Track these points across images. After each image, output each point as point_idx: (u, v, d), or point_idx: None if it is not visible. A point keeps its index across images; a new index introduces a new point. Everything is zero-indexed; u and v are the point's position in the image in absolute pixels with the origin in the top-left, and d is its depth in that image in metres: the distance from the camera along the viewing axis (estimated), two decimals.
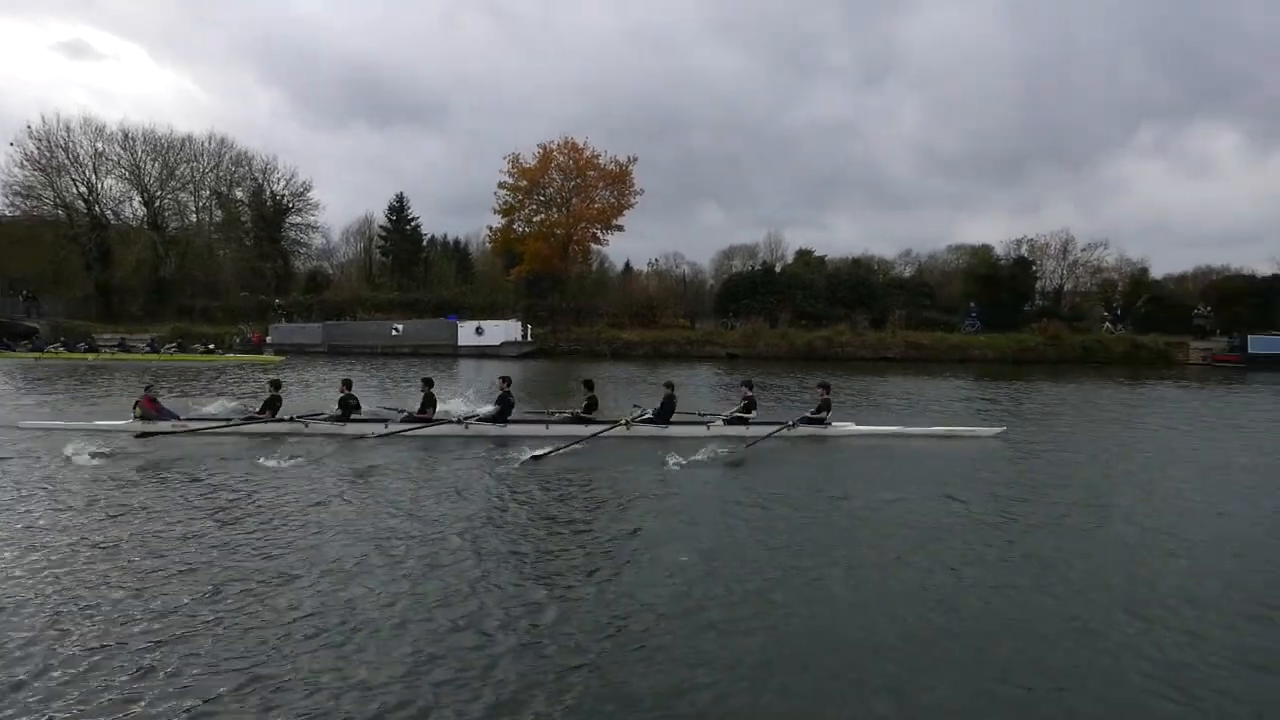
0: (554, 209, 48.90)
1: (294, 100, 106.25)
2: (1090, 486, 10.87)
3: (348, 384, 14.25)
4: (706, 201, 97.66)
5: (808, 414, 14.18)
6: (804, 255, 55.78)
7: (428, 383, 14.38)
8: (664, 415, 13.90)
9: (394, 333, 42.77)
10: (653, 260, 62.47)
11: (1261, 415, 19.91)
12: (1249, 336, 38.32)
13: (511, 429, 13.58)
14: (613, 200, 48.86)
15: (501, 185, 48.86)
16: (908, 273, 58.09)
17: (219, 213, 56.02)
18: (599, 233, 49.97)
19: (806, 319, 44.47)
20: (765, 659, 5.19)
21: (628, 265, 64.30)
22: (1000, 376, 30.49)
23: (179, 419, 13.73)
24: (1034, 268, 47.83)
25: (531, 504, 9.15)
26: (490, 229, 52.47)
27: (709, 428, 13.64)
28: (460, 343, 41.86)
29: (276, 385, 14.38)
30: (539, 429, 13.60)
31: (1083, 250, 48.54)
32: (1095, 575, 6.94)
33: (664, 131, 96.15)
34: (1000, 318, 43.50)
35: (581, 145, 48.10)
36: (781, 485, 10.26)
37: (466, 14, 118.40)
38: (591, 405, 14.10)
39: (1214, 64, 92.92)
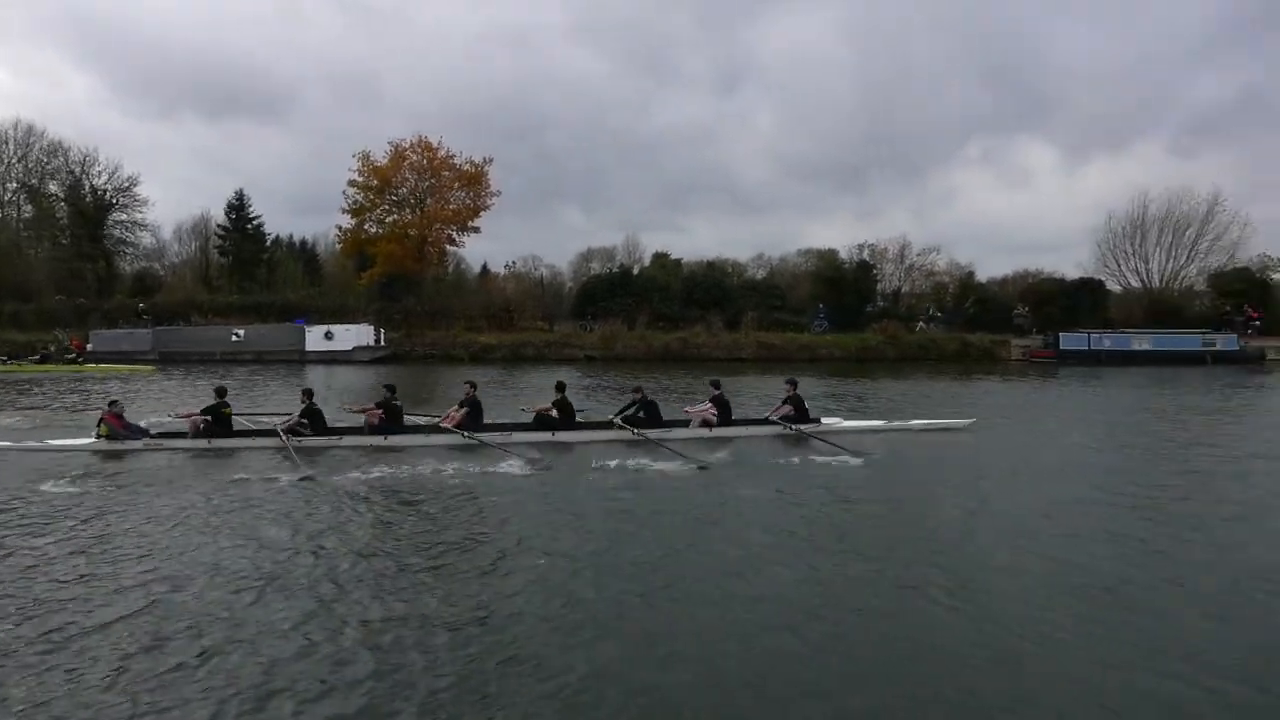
0: (407, 210, 47.51)
1: (114, 86, 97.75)
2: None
3: (309, 394, 13.89)
4: (567, 204, 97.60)
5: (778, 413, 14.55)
6: (660, 258, 56.73)
7: (391, 390, 14.08)
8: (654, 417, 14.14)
9: (235, 338, 40.29)
10: (510, 262, 61.76)
11: (1072, 402, 21.89)
12: (1061, 334, 41.96)
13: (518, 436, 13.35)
14: (469, 201, 48.05)
15: (351, 184, 47.09)
16: (760, 275, 60.01)
17: (29, 208, 51.08)
18: (455, 234, 49.03)
19: (664, 320, 45.23)
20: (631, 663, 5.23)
21: (485, 267, 63.33)
22: (847, 374, 32.09)
23: (150, 436, 13.19)
24: (875, 271, 50.59)
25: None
26: (340, 229, 50.37)
27: (711, 430, 14.01)
28: (308, 348, 39.94)
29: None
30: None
31: (918, 255, 51.86)
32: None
33: (523, 132, 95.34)
34: (845, 318, 45.83)
35: (436, 144, 47.06)
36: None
37: (311, 2, 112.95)
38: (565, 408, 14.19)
39: (1033, 84, 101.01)
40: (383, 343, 41.52)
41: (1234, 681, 5.09)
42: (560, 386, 14.64)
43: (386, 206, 47.76)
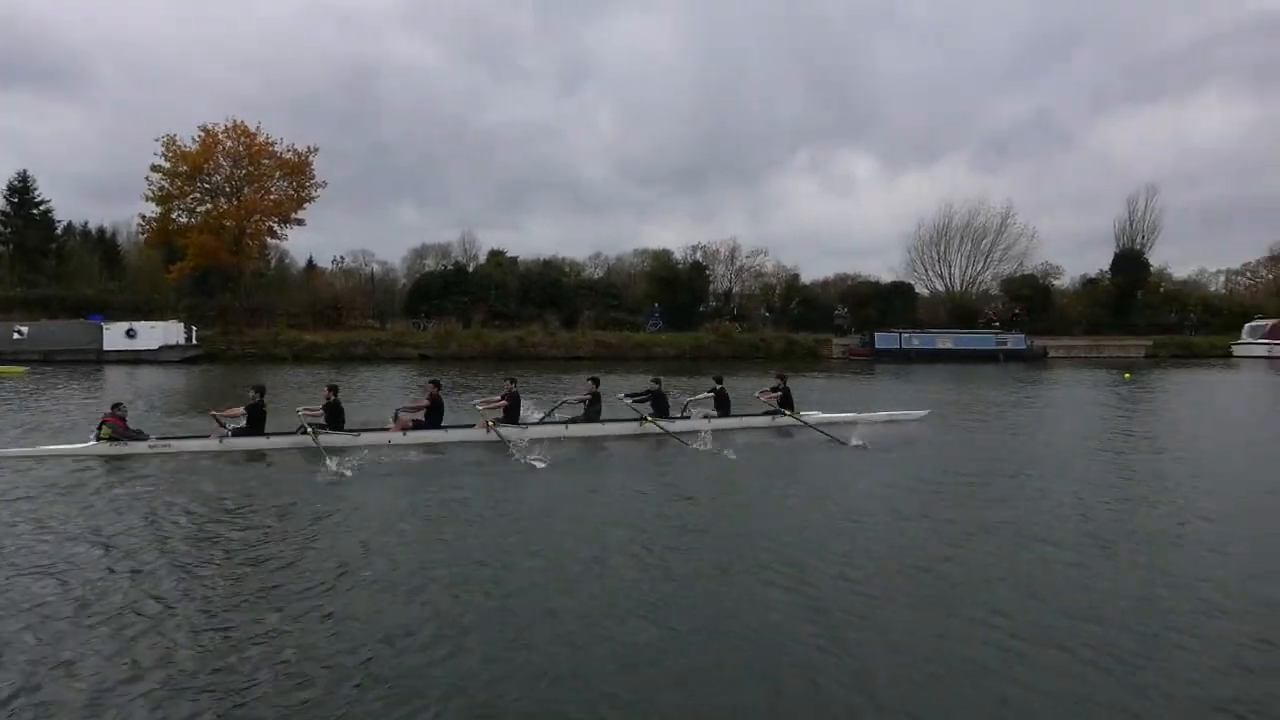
0: (222, 199, 44.25)
1: None
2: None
3: (334, 390, 13.64)
4: (400, 198, 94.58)
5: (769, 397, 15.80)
6: (497, 256, 56.03)
7: (437, 384, 14.57)
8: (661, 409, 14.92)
9: (16, 336, 36.09)
10: (339, 257, 59.04)
11: (889, 396, 23.47)
12: (876, 334, 45.07)
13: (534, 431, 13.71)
14: (291, 192, 45.40)
15: (155, 169, 43.09)
16: (598, 274, 60.56)
17: None
18: (276, 226, 46.21)
19: (500, 319, 44.80)
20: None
21: (311, 262, 60.07)
22: (682, 371, 32.92)
23: (153, 439, 12.55)
24: (707, 272, 52.28)
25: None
26: (144, 218, 45.77)
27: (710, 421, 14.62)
28: (106, 347, 36.46)
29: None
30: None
31: (748, 257, 54.13)
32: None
33: (355, 121, 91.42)
34: (679, 317, 47.11)
35: (254, 130, 44.16)
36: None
37: None
38: (595, 402, 14.79)
39: (857, 97, 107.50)
40: (194, 341, 38.60)
41: (1038, 643, 5.64)
42: (596, 381, 15.43)
43: (198, 195, 44.28)
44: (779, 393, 15.79)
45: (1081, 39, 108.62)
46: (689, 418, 15.20)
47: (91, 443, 12.10)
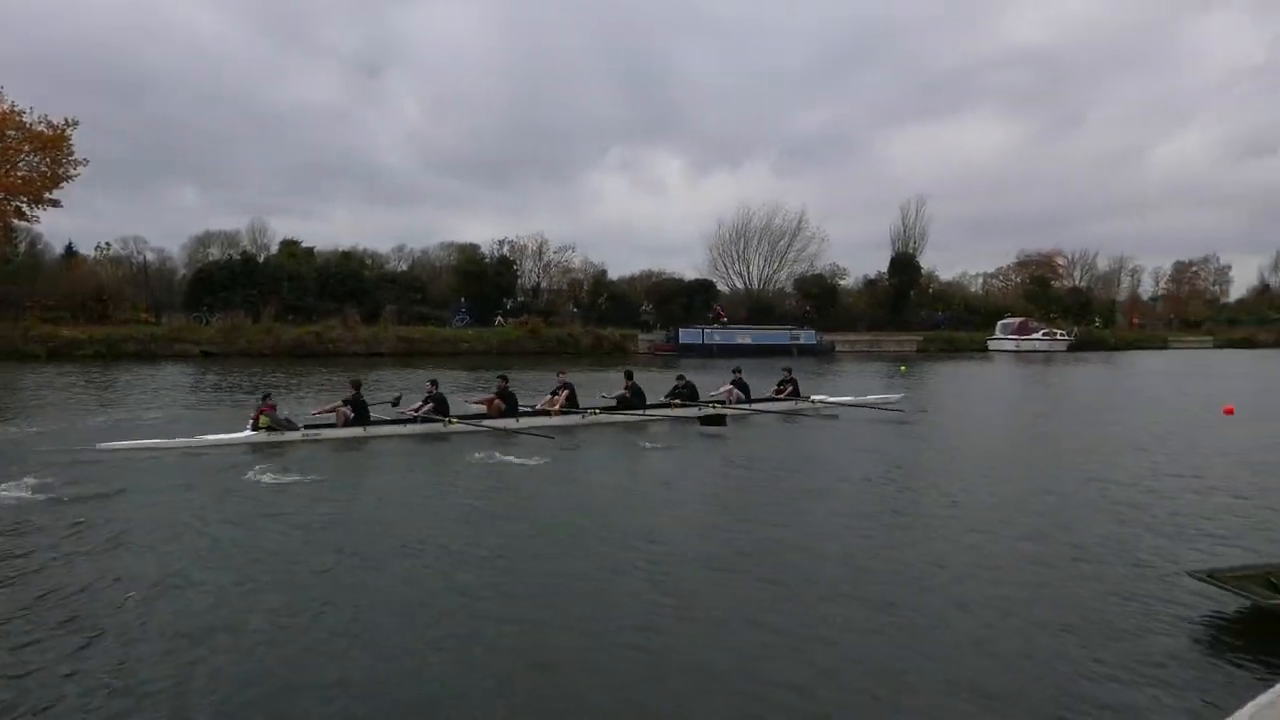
0: None
1: None
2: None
3: (435, 383, 15.48)
4: (179, 180, 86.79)
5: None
6: (290, 245, 52.49)
7: (504, 377, 16.13)
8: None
9: None
10: (104, 244, 52.90)
11: None
12: (680, 330, 46.61)
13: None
14: (45, 169, 40.34)
15: None
16: (402, 268, 58.43)
17: None
18: (25, 208, 40.86)
19: (294, 313, 42.17)
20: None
21: (70, 248, 53.47)
22: (489, 367, 32.44)
23: (303, 428, 13.65)
24: (515, 266, 51.84)
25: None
26: None
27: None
28: None
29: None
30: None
31: (555, 252, 54.23)
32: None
33: (125, 91, 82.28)
34: (487, 313, 46.43)
35: None
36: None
37: None
38: (637, 392, 17.17)
39: (667, 97, 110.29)
40: None
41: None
42: (629, 374, 17.78)
43: None
44: (790, 385, 19.34)
45: (872, 57, 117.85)
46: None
47: (249, 432, 13.20)
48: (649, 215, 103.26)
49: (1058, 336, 58.40)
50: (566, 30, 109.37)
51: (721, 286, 60.61)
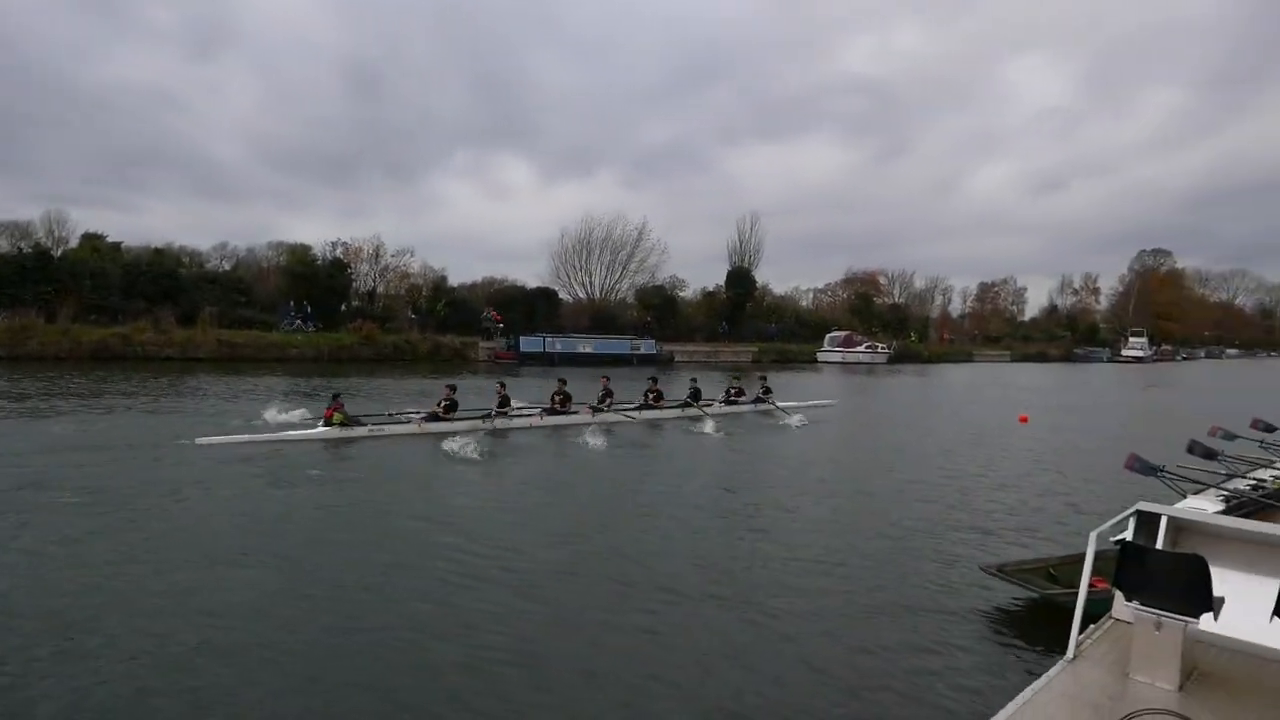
0: None
1: None
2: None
3: (504, 385, 18.79)
4: None
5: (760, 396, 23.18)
6: (93, 239, 47.95)
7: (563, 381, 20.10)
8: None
9: None
10: None
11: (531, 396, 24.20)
12: (521, 337, 46.25)
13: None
14: None
15: None
16: (225, 267, 54.76)
17: None
18: None
19: (98, 313, 38.57)
20: None
21: None
22: (319, 374, 31.02)
23: (370, 425, 15.50)
24: (349, 270, 49.73)
25: None
26: None
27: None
28: None
29: (453, 389, 17.37)
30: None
31: (392, 256, 52.48)
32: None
33: None
34: (320, 317, 44.23)
35: None
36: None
37: None
38: (659, 396, 21.16)
39: (519, 103, 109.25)
40: None
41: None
42: (654, 379, 22.47)
43: None
44: (770, 393, 23.35)
45: (720, 77, 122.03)
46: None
47: (323, 428, 14.90)
48: (495, 221, 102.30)
49: (879, 350, 62.45)
50: (415, 26, 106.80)
51: (564, 295, 60.83)
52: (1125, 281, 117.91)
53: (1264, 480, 12.24)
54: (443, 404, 16.67)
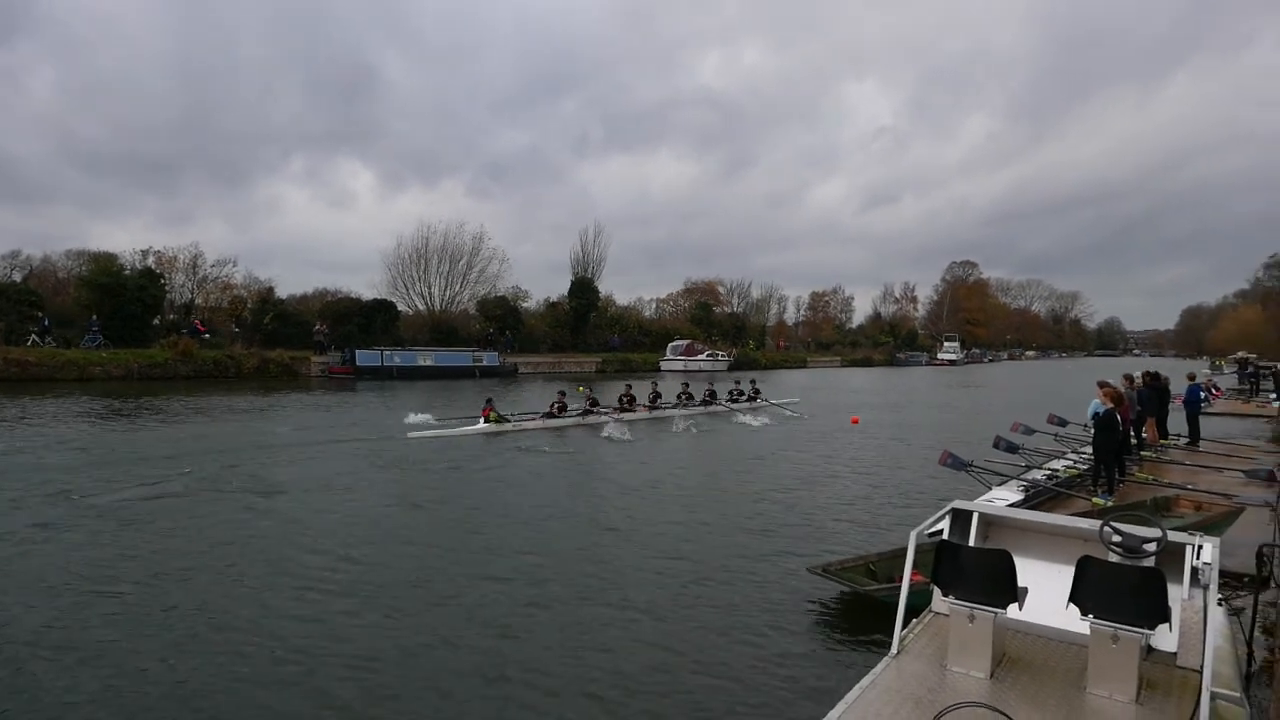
0: None
1: None
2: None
3: (562, 393, 23.11)
4: None
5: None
6: None
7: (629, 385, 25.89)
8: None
9: None
10: None
11: (370, 413, 23.19)
12: (357, 351, 44.24)
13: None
14: None
15: None
16: (17, 278, 49.12)
17: None
18: None
19: None
20: None
21: None
22: (128, 394, 28.41)
23: (513, 421, 20.57)
24: (163, 281, 45.99)
25: None
26: None
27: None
28: None
29: (563, 394, 22.82)
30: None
31: (212, 266, 48.97)
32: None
33: None
34: (128, 333, 40.56)
35: None
36: None
37: None
38: (656, 396, 26.12)
39: (362, 107, 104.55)
40: None
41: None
42: (655, 384, 27.64)
43: None
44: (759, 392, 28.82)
45: (573, 87, 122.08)
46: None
47: (482, 424, 19.58)
48: (334, 230, 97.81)
49: (719, 358, 64.21)
50: (247, 21, 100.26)
51: (403, 307, 58.71)
52: (939, 290, 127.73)
53: (1057, 470, 13.47)
54: (555, 406, 21.98)
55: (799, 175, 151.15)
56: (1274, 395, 33.09)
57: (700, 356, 62.58)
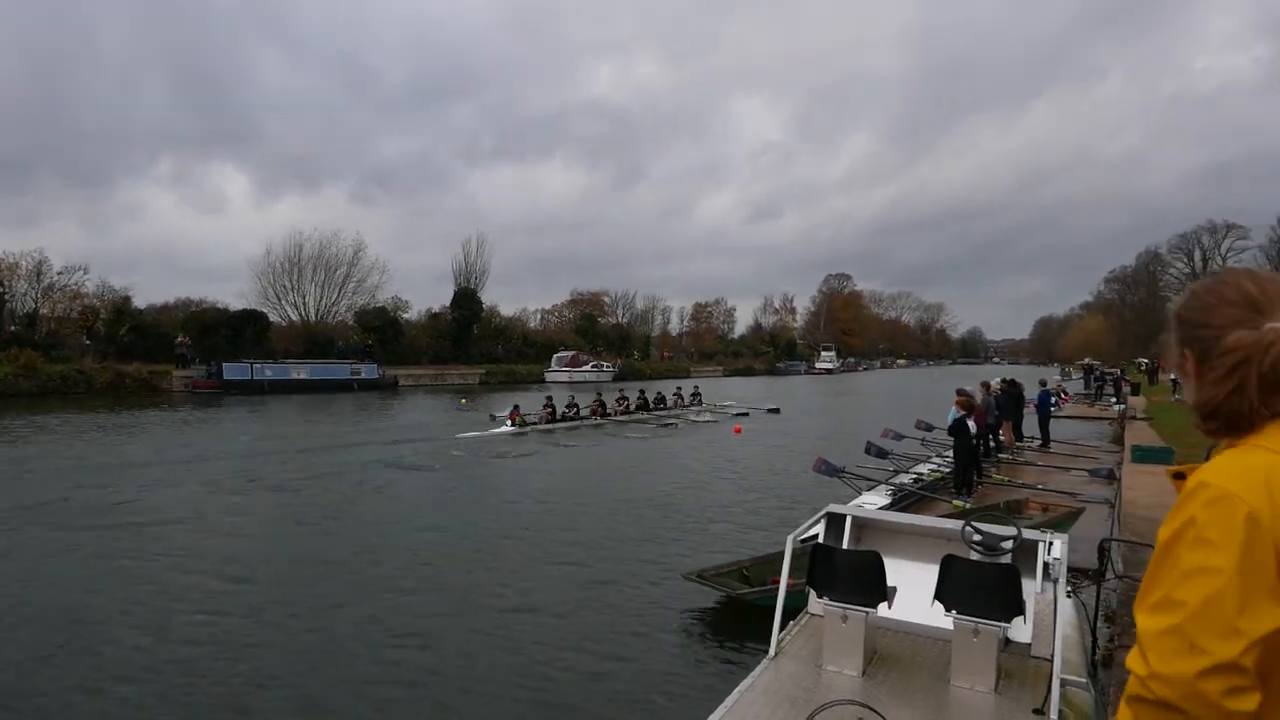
0: None
1: None
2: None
3: (550, 398, 26.51)
4: None
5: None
6: None
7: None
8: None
9: None
10: None
11: (236, 434, 21.96)
12: (224, 364, 41.96)
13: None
14: None
15: None
16: None
17: None
18: None
19: None
20: None
21: None
22: None
23: (530, 425, 24.05)
24: (2, 289, 42.37)
25: None
26: None
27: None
28: None
29: (573, 398, 27.25)
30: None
31: (59, 273, 45.38)
32: None
33: None
34: None
35: None
36: None
37: None
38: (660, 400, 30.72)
39: (237, 109, 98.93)
40: None
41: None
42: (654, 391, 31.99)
43: None
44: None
45: (465, 94, 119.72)
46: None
47: (509, 426, 23.38)
48: (202, 236, 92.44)
49: (604, 368, 64.41)
50: (109, 12, 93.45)
51: (275, 318, 56.09)
52: (816, 302, 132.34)
53: (923, 474, 14.12)
54: (560, 412, 25.67)
55: (688, 188, 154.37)
56: (1114, 399, 35.76)
57: (585, 367, 62.58)
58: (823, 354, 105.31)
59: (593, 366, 63.57)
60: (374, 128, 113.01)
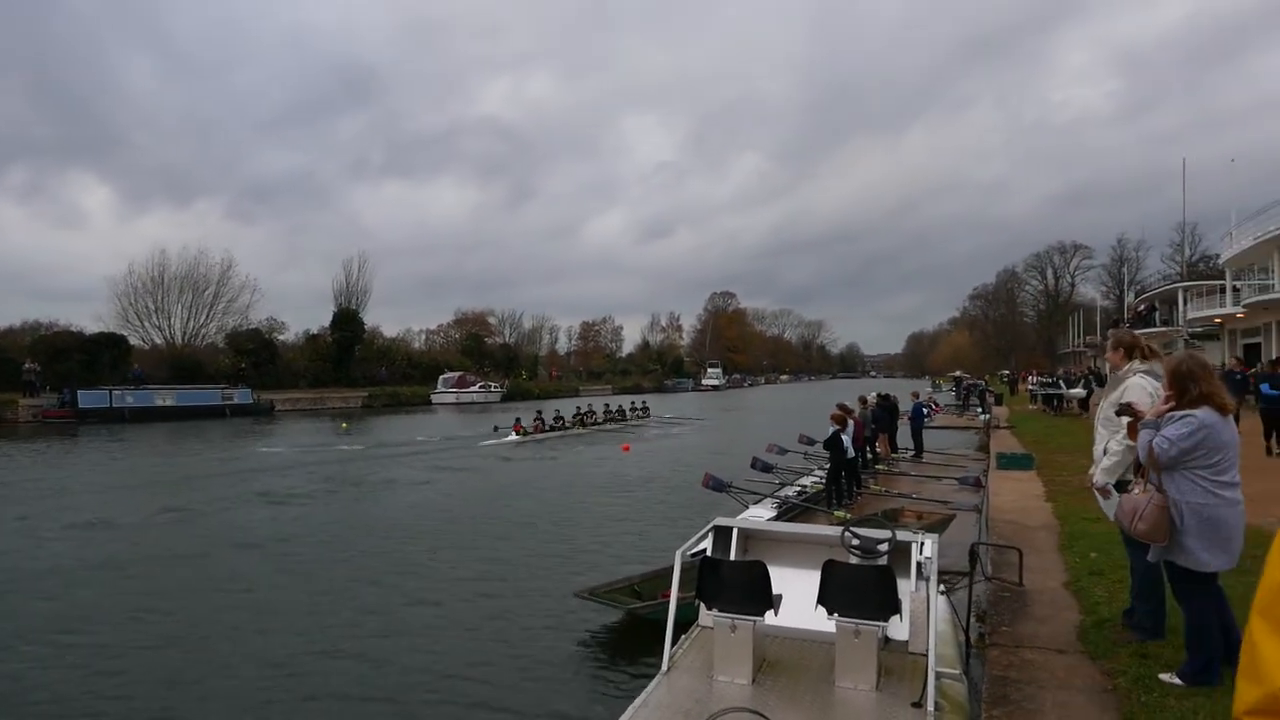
0: None
1: None
2: None
3: (558, 411, 31.30)
4: None
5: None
6: None
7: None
8: None
9: None
10: None
11: (93, 468, 20.50)
12: (80, 392, 39.14)
13: None
14: None
15: None
16: None
17: None
18: None
19: None
20: None
21: None
22: None
23: (529, 435, 28.56)
24: None
25: None
26: None
27: None
28: None
29: (579, 409, 33.69)
30: None
31: None
32: None
33: None
34: None
35: None
36: None
37: None
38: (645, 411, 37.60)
39: (99, 117, 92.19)
40: None
41: None
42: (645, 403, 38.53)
43: None
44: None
45: (351, 108, 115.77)
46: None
47: (514, 437, 27.75)
48: (57, 253, 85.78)
49: (492, 389, 63.57)
50: None
51: (137, 341, 52.60)
52: (701, 320, 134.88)
53: (805, 486, 14.60)
54: (546, 424, 30.18)
55: (580, 207, 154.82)
56: (979, 409, 37.91)
57: (473, 388, 61.61)
58: (709, 371, 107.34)
59: (480, 387, 62.63)
60: (253, 142, 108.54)
